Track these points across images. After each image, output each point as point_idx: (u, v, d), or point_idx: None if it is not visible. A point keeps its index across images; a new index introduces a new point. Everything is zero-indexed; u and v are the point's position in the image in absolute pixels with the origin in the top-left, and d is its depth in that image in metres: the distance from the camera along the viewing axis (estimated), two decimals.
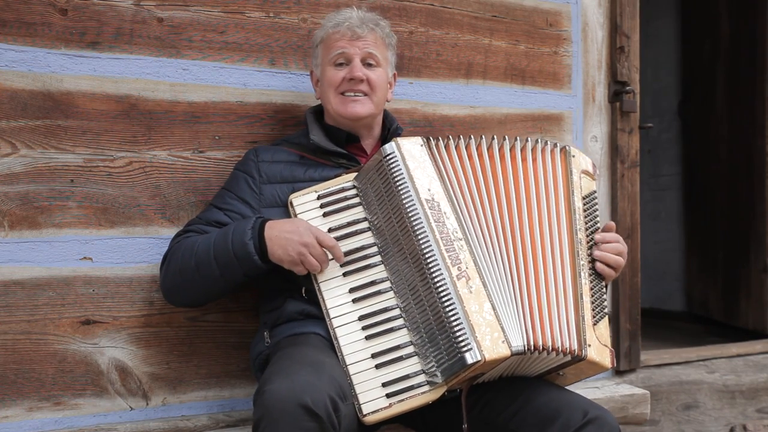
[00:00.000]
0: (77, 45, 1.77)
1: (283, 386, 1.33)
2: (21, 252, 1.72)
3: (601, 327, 1.61)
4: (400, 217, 1.55)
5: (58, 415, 1.75)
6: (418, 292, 1.52)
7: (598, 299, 1.64)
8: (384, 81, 1.81)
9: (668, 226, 4.33)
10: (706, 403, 2.66)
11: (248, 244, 1.57)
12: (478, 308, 1.47)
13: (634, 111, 2.49)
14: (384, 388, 1.48)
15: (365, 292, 1.57)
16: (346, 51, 1.76)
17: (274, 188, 1.73)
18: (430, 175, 1.58)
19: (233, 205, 1.72)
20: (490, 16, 2.27)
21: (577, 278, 1.59)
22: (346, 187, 1.65)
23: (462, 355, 1.43)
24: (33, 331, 1.73)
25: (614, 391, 2.30)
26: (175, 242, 1.71)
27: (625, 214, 2.49)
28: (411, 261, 1.53)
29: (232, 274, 1.62)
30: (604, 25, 2.46)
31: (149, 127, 1.84)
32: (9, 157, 1.71)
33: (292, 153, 1.79)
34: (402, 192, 1.55)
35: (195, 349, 1.88)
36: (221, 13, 1.92)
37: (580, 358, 1.54)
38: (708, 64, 3.88)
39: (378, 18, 1.83)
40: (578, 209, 1.66)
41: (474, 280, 1.49)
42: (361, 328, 1.54)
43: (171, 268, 1.68)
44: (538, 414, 1.50)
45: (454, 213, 1.56)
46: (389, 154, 1.59)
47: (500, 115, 2.28)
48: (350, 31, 1.76)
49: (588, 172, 1.74)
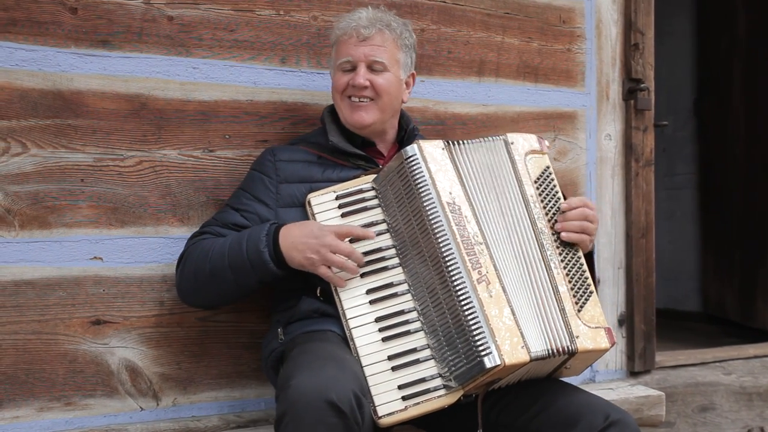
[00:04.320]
0: (87, 44, 1.77)
1: (309, 381, 1.32)
2: (31, 252, 1.72)
3: (588, 308, 1.58)
4: (420, 219, 1.54)
5: (69, 416, 1.75)
6: (437, 295, 1.51)
7: (578, 281, 1.60)
8: (393, 84, 1.78)
9: (683, 225, 4.29)
10: (722, 405, 2.64)
11: (263, 252, 1.57)
12: (498, 312, 1.47)
13: (648, 109, 2.47)
14: (400, 391, 1.48)
15: (382, 293, 1.56)
16: (351, 57, 1.75)
17: (291, 188, 1.72)
18: (451, 178, 1.57)
19: (250, 206, 1.71)
20: (503, 13, 2.25)
21: (549, 270, 1.57)
22: (365, 189, 1.65)
23: (481, 359, 1.43)
24: (43, 331, 1.73)
25: (629, 392, 2.28)
26: (190, 243, 1.71)
27: (639, 213, 2.46)
28: (431, 264, 1.52)
29: (246, 280, 1.62)
30: (618, 21, 2.44)
31: (159, 127, 1.84)
32: (19, 156, 1.71)
33: (310, 153, 1.79)
34: (423, 194, 1.54)
35: (205, 349, 1.87)
36: (231, 11, 1.91)
37: (573, 353, 1.53)
38: (724, 61, 3.83)
39: (391, 18, 1.80)
40: (531, 197, 1.62)
41: (494, 285, 1.49)
42: (378, 329, 1.53)
43: (186, 271, 1.68)
44: (558, 417, 1.49)
45: (475, 217, 1.55)
46: (411, 156, 1.57)
47: (513, 113, 2.26)
48: (357, 33, 1.75)
49: (535, 150, 1.68)
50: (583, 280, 1.61)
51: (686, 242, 4.25)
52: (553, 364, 1.58)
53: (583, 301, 1.59)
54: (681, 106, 4.29)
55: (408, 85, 1.86)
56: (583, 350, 1.53)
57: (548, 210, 1.64)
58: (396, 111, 1.84)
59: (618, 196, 2.45)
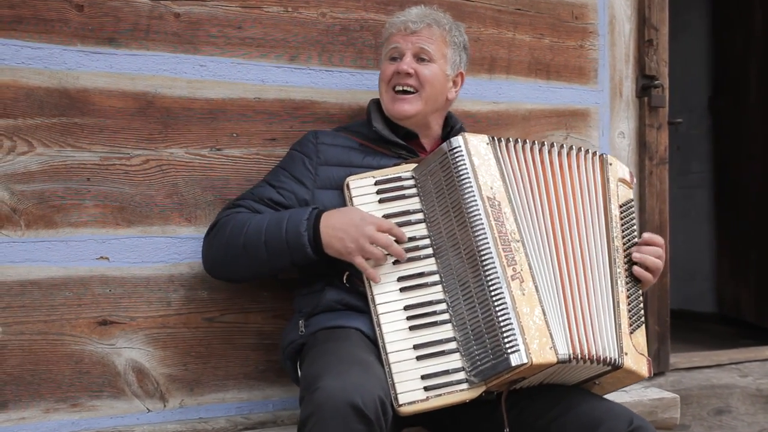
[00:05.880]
0: (93, 41, 1.76)
1: (336, 385, 1.31)
2: (37, 251, 1.71)
3: (637, 335, 1.61)
4: (459, 211, 1.53)
5: (75, 417, 1.74)
6: (469, 288, 1.50)
7: (635, 307, 1.63)
8: (438, 77, 1.78)
9: (698, 225, 4.24)
10: (738, 408, 2.60)
11: (303, 235, 1.57)
12: (529, 311, 1.46)
13: (662, 106, 2.44)
14: (423, 381, 1.46)
15: (413, 282, 1.55)
16: (398, 45, 1.77)
17: (330, 170, 1.72)
18: (493, 174, 1.57)
19: (287, 184, 1.72)
20: (514, 9, 2.22)
21: (615, 286, 1.59)
22: (404, 176, 1.64)
23: (508, 356, 1.42)
24: (50, 332, 1.72)
25: (642, 395, 2.25)
26: (224, 214, 1.70)
27: (653, 212, 2.44)
28: (465, 257, 1.51)
29: (280, 260, 1.62)
30: (632, 17, 2.41)
31: (166, 125, 1.82)
32: (25, 155, 1.70)
33: (353, 140, 1.79)
34: (465, 186, 1.53)
35: (212, 350, 1.86)
36: (239, 8, 1.89)
37: (618, 366, 1.54)
38: (740, 58, 3.78)
39: (441, 16, 1.83)
40: (615, 217, 1.66)
41: (527, 283, 1.48)
42: (406, 318, 1.52)
43: (216, 242, 1.68)
44: (580, 420, 1.48)
45: (513, 214, 1.55)
46: (455, 147, 1.57)
47: (524, 110, 2.23)
48: (404, 26, 1.78)
49: (625, 180, 1.74)
50: (639, 308, 1.64)
51: (701, 242, 4.21)
52: (588, 373, 1.57)
53: (635, 326, 1.61)
54: (696, 103, 4.24)
55: (456, 84, 1.85)
56: (627, 368, 1.54)
57: (624, 236, 1.66)
58: (440, 107, 1.83)
59: None
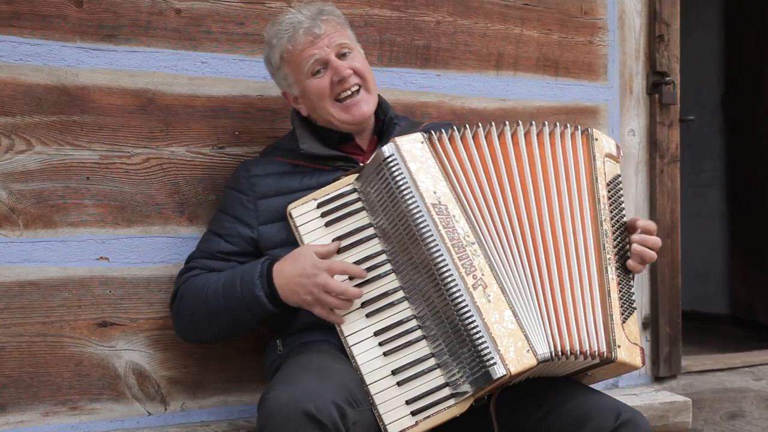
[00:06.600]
0: (93, 38, 1.73)
1: (285, 393, 1.31)
2: (36, 252, 1.69)
3: (630, 324, 1.55)
4: (406, 224, 1.46)
5: (74, 420, 1.72)
6: (434, 303, 1.44)
7: (626, 294, 1.56)
8: (366, 62, 1.71)
9: (710, 224, 4.19)
10: (752, 412, 2.57)
11: (260, 296, 1.54)
12: (499, 317, 1.40)
13: (674, 103, 2.41)
14: (408, 406, 1.42)
15: (378, 305, 1.49)
16: (317, 56, 1.63)
17: (270, 202, 1.65)
18: (434, 175, 1.48)
19: (231, 229, 1.66)
20: (522, 4, 2.20)
21: (604, 274, 1.52)
22: (346, 192, 1.55)
23: (486, 370, 1.38)
24: (49, 334, 1.70)
25: (653, 398, 2.24)
26: (181, 282, 1.67)
27: (664, 211, 2.41)
28: (423, 271, 1.45)
29: (245, 321, 1.61)
30: (642, 12, 2.38)
31: (167, 123, 1.80)
32: (24, 153, 1.68)
33: (284, 163, 1.70)
34: (407, 198, 1.45)
35: (214, 352, 1.83)
36: (241, 4, 1.87)
37: (610, 360, 1.49)
38: (754, 53, 3.74)
39: (321, 5, 1.72)
40: (603, 198, 1.57)
41: (491, 288, 1.42)
42: (378, 344, 1.47)
43: (182, 313, 1.66)
44: (567, 418, 1.46)
45: (464, 215, 1.47)
46: (388, 157, 1.47)
47: (532, 108, 2.21)
48: (308, 35, 1.63)
49: (612, 155, 1.64)
50: (630, 294, 1.57)
51: (713, 242, 4.16)
52: (578, 365, 1.53)
53: (627, 314, 1.55)
54: (708, 100, 4.20)
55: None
56: (620, 361, 1.49)
57: (613, 218, 1.58)
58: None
59: (642, 193, 2.39)
